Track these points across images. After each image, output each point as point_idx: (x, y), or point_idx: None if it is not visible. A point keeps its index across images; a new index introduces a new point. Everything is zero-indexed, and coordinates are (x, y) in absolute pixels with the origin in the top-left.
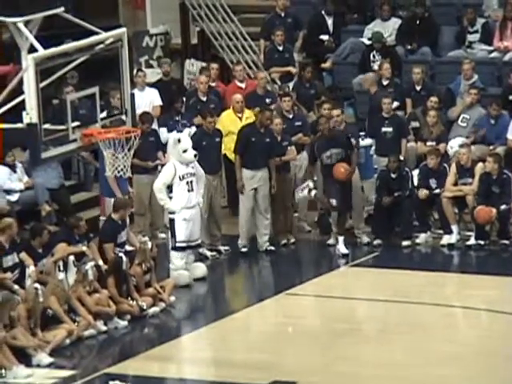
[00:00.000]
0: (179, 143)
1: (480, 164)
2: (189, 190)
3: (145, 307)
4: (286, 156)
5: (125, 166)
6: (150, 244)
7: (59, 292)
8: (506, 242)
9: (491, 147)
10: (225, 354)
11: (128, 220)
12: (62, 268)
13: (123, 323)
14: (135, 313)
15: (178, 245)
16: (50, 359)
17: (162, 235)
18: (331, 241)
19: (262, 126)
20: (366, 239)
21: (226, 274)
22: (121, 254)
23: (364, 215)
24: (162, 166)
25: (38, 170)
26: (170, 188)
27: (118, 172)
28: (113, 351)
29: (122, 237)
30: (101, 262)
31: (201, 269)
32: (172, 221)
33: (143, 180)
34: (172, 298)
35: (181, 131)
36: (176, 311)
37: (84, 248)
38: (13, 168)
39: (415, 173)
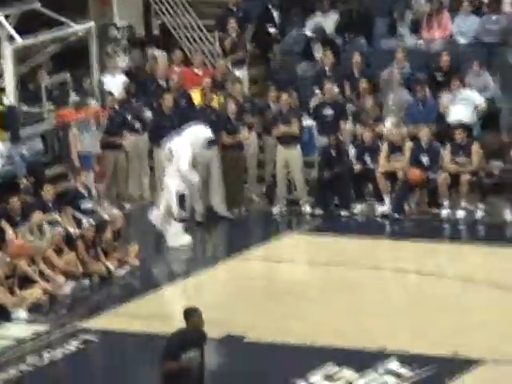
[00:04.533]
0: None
1: (409, 142)
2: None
3: (112, 269)
4: (241, 135)
5: (94, 144)
6: (118, 213)
7: (30, 253)
8: (436, 210)
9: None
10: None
11: (96, 191)
12: (36, 233)
13: (90, 283)
14: (103, 274)
15: (174, 216)
16: (27, 315)
17: (127, 205)
18: (276, 210)
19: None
20: (308, 209)
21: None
22: (83, 220)
23: (307, 188)
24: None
25: (17, 146)
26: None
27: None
28: (83, 308)
29: (85, 204)
30: (72, 229)
31: (185, 238)
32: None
33: (109, 155)
34: (137, 261)
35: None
36: (140, 273)
37: (56, 216)
38: None
39: (352, 150)
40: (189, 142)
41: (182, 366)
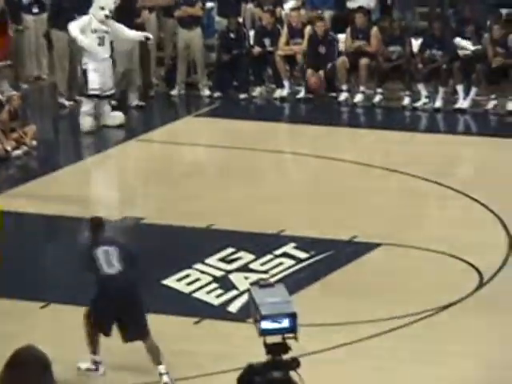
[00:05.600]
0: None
1: (309, 26)
2: (99, 44)
3: (9, 150)
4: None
5: None
6: (15, 93)
7: None
8: (334, 94)
9: (319, 11)
10: (85, 191)
11: None
12: None
13: None
14: (0, 154)
15: (90, 92)
16: None
17: (25, 86)
18: (175, 92)
19: None
20: (207, 92)
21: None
22: None
23: (206, 71)
24: None
25: None
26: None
27: None
28: None
29: None
30: None
31: (119, 117)
32: (85, 71)
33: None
34: (34, 142)
35: None
36: (37, 154)
37: None
38: None
39: (252, 33)
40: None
41: None
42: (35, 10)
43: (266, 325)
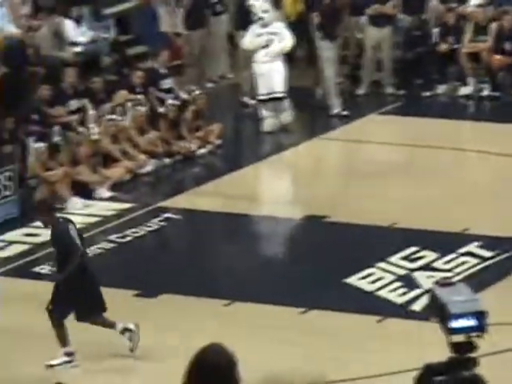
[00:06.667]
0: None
1: (494, 23)
2: (263, 47)
3: (194, 148)
4: None
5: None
6: (199, 92)
7: (113, 131)
8: None
9: (504, 7)
10: (267, 190)
11: (178, 71)
12: (120, 112)
13: (173, 162)
14: (185, 153)
15: (260, 97)
16: (110, 193)
17: (209, 85)
18: (360, 91)
19: None
20: (391, 90)
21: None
22: (167, 99)
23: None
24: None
25: (99, 24)
26: None
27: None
28: (165, 187)
29: (166, 84)
30: (156, 108)
31: (288, 116)
32: (255, 77)
33: (192, 35)
34: (218, 141)
35: None
36: (222, 153)
37: (139, 96)
38: (78, 22)
39: (436, 30)
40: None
41: None
42: (219, 10)
43: (455, 324)
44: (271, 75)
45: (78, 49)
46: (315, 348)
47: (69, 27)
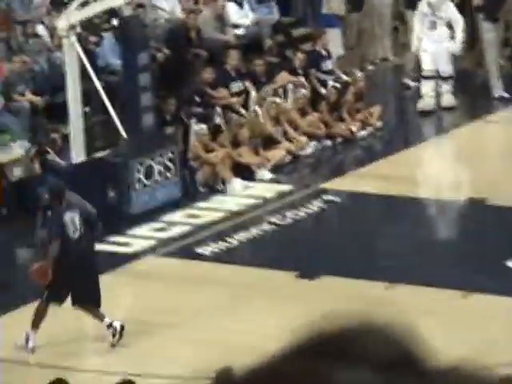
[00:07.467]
0: None
1: None
2: (429, 28)
3: (355, 130)
4: None
5: (338, 5)
6: (360, 74)
7: (274, 113)
8: None
9: None
10: (427, 173)
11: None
12: (281, 94)
13: (333, 144)
14: (346, 135)
15: (423, 73)
16: (271, 175)
17: (370, 67)
18: None
19: None
20: None
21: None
22: (328, 81)
23: None
24: None
25: (262, 6)
26: None
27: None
28: (325, 169)
29: (327, 66)
30: (323, 90)
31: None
32: (418, 58)
33: (353, 16)
34: (379, 123)
35: None
36: (382, 134)
37: (301, 78)
38: (240, 5)
39: None
40: None
41: None
42: None
43: None
44: (438, 53)
45: (240, 31)
46: (480, 332)
47: (232, 10)
